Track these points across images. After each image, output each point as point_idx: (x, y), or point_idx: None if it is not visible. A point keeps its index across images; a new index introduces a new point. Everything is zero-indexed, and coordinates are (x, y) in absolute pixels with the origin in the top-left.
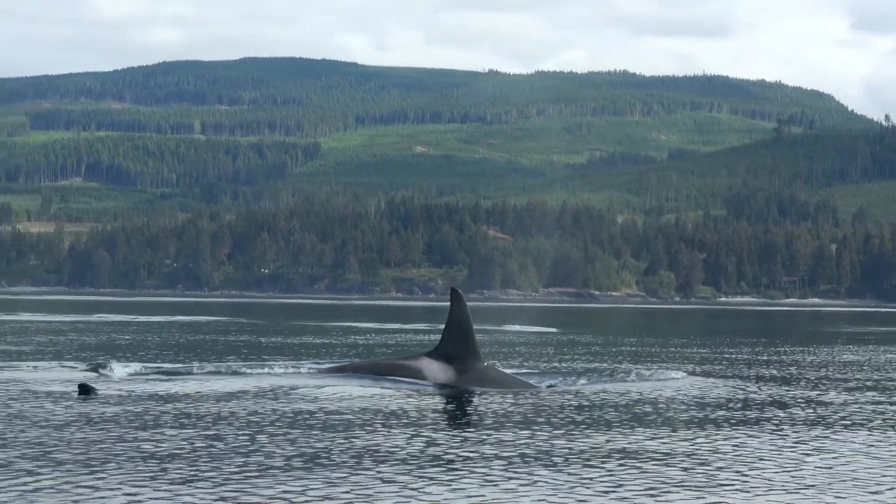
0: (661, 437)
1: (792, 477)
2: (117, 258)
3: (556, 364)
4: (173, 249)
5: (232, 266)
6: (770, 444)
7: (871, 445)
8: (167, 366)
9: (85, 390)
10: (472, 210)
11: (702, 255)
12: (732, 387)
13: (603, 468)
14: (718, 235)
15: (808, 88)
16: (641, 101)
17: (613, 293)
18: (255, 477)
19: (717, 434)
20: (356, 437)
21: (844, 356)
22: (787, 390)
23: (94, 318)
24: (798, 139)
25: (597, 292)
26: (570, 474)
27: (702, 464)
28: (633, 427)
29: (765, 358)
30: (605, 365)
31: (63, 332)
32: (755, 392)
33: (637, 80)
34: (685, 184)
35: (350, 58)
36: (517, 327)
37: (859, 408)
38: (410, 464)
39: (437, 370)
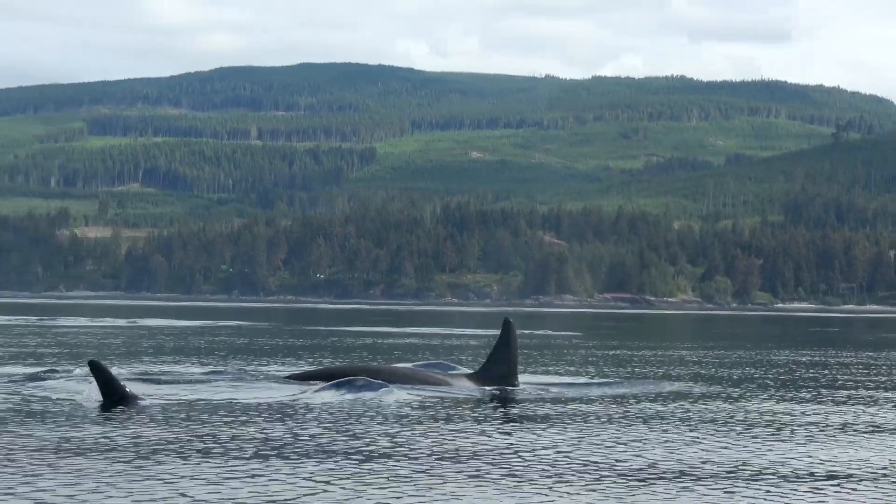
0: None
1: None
2: (173, 263)
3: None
4: (229, 255)
5: (287, 271)
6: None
7: None
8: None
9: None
10: (527, 215)
11: (759, 261)
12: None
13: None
14: (776, 241)
15: (867, 94)
16: (699, 107)
17: (669, 299)
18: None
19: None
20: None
21: None
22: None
23: (127, 322)
24: (856, 144)
25: (652, 298)
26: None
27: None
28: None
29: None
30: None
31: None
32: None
33: (695, 85)
34: (742, 189)
35: (407, 63)
36: (542, 332)
37: None
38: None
39: (472, 391)
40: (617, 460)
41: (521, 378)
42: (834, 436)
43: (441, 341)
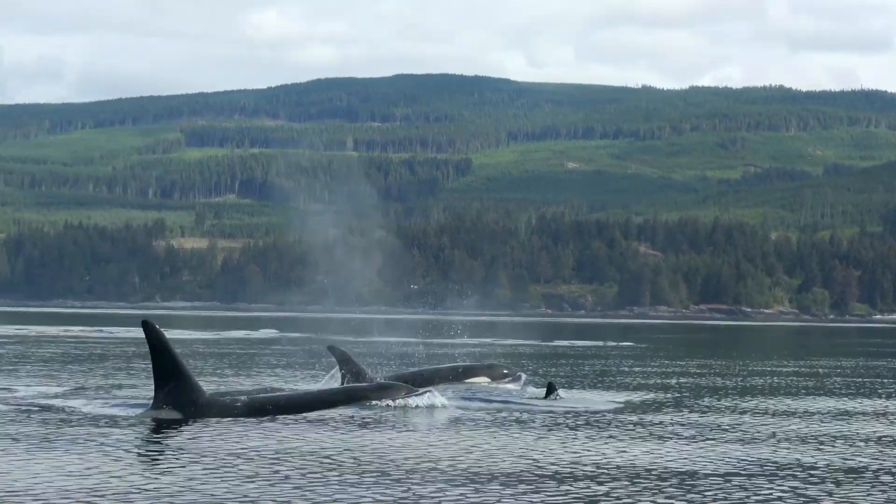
0: None
1: None
2: (269, 274)
3: None
4: (323, 265)
5: (381, 282)
6: None
7: None
8: None
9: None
10: (622, 226)
11: (857, 273)
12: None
13: None
14: (874, 252)
15: None
16: (797, 116)
17: (765, 310)
18: None
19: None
20: None
21: None
22: None
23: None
24: None
25: (748, 309)
26: None
27: None
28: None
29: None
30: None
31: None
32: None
33: (793, 95)
34: (841, 200)
35: (503, 74)
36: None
37: None
38: None
39: None
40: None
41: None
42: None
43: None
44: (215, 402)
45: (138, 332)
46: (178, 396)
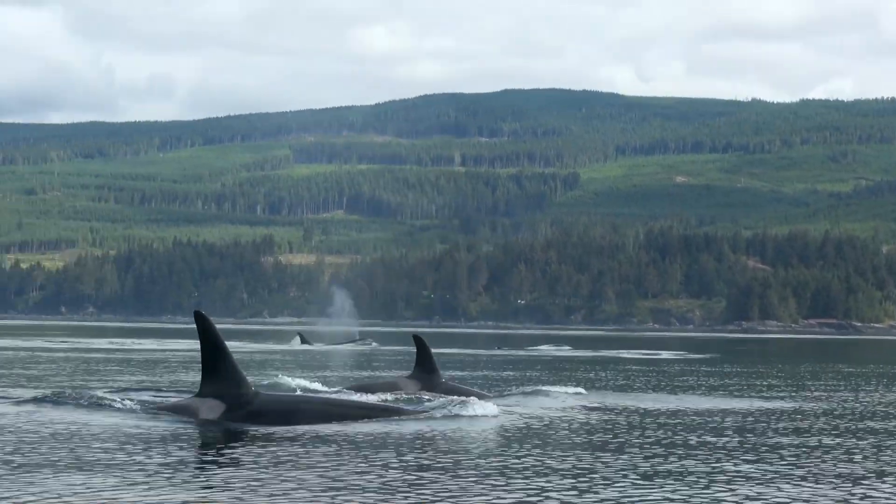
0: None
1: None
2: (376, 290)
3: None
4: (431, 281)
5: (488, 297)
6: None
7: None
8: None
9: None
10: (731, 240)
11: None
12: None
13: None
14: None
15: None
16: None
17: (876, 325)
18: None
19: None
20: None
21: None
22: None
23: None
24: None
25: (858, 324)
26: None
27: None
28: None
29: None
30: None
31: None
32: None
33: None
34: None
35: (611, 88)
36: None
37: None
38: None
39: None
40: None
41: None
42: None
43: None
44: (259, 396)
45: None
46: (222, 388)
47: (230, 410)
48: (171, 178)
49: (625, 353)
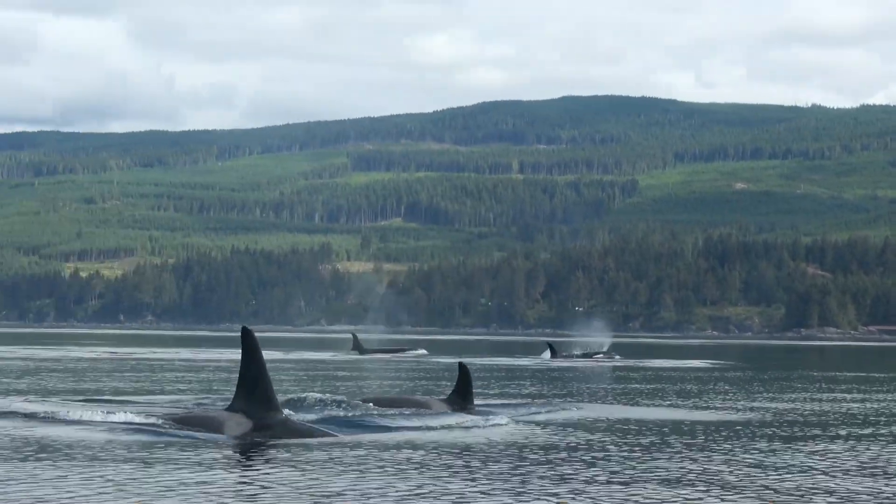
0: None
1: None
2: (433, 297)
3: None
4: (488, 288)
5: (546, 304)
6: None
7: None
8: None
9: None
10: (790, 247)
11: None
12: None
13: None
14: None
15: None
16: None
17: None
18: None
19: None
20: None
21: None
22: None
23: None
24: None
25: None
26: None
27: None
28: None
29: None
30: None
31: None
32: None
33: None
34: None
35: (671, 95)
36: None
37: None
38: None
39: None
40: None
41: None
42: None
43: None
44: (288, 422)
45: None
46: (252, 406)
47: (256, 430)
48: (230, 187)
49: (650, 363)
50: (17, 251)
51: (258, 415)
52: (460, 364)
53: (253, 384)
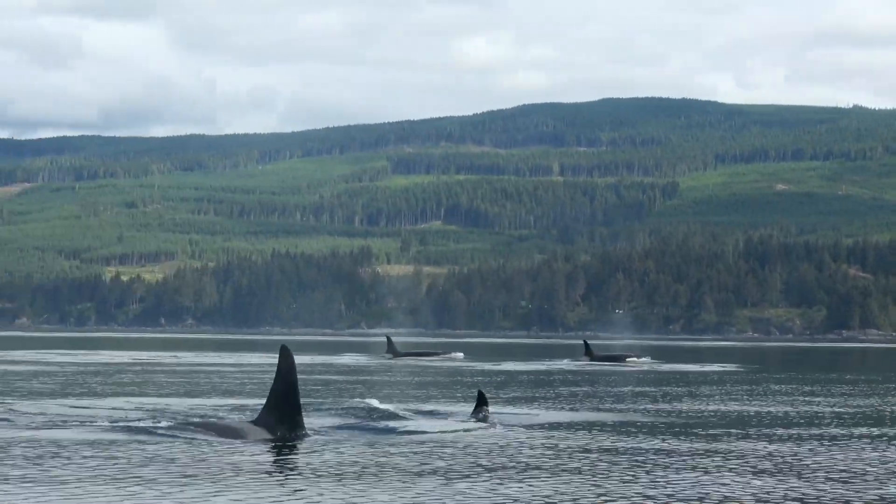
0: None
1: None
2: (473, 300)
3: None
4: (528, 291)
5: (586, 307)
6: None
7: None
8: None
9: None
10: (832, 248)
11: None
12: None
13: None
14: None
15: None
16: None
17: None
18: None
19: None
20: None
21: None
22: None
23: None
24: None
25: None
26: None
27: None
28: None
29: None
30: None
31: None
32: None
33: None
34: None
35: (711, 96)
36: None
37: None
38: None
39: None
40: None
41: None
42: None
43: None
44: (307, 439)
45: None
46: (279, 422)
47: (275, 441)
48: (270, 190)
49: (678, 367)
50: (58, 255)
51: (281, 431)
52: (480, 392)
53: (282, 401)
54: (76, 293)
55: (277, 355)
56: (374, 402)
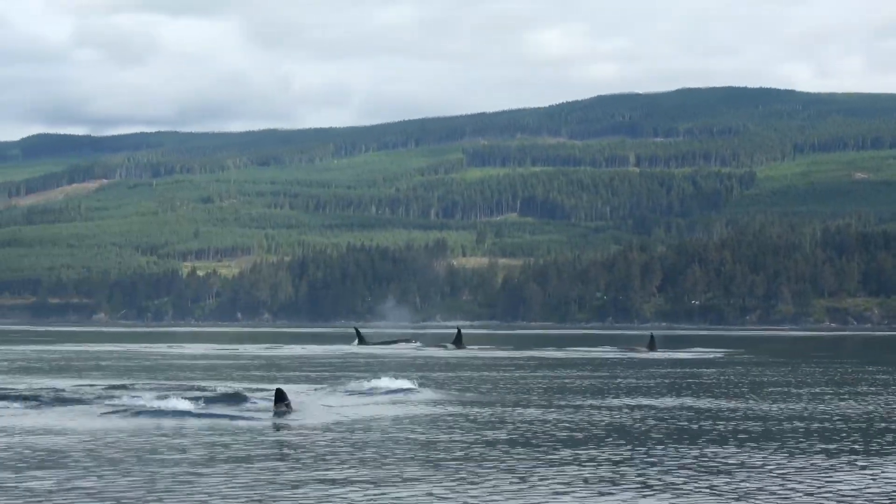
0: None
1: None
2: (548, 292)
3: None
4: (603, 282)
5: (662, 298)
6: None
7: None
8: None
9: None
10: None
11: None
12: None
13: None
14: None
15: None
16: None
17: None
18: None
19: None
20: None
21: None
22: None
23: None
24: None
25: None
26: None
27: None
28: None
29: None
30: None
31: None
32: None
33: None
34: None
35: (789, 86)
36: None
37: None
38: None
39: None
40: None
41: None
42: None
43: None
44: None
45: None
46: None
47: None
48: (346, 184)
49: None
50: (135, 251)
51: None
52: None
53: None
54: (153, 289)
55: None
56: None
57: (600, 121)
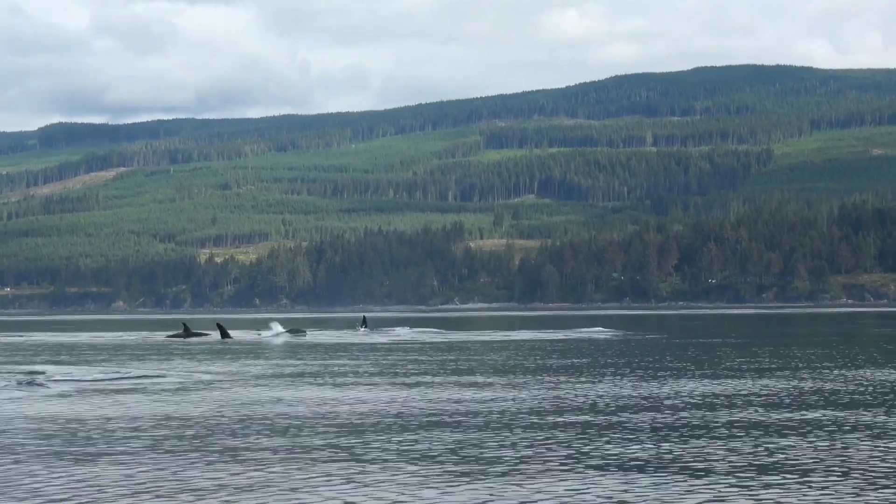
0: None
1: None
2: (565, 273)
3: None
4: (620, 263)
5: (679, 277)
6: None
7: None
8: None
9: None
10: None
11: None
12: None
13: None
14: None
15: None
16: None
17: None
18: None
19: None
20: None
21: None
22: None
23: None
24: None
25: None
26: None
27: None
28: None
29: None
30: None
31: None
32: None
33: None
34: None
35: (807, 63)
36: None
37: None
38: None
39: None
40: None
41: None
42: None
43: None
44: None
45: None
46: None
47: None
48: (363, 168)
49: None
50: (153, 238)
51: None
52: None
53: None
54: (171, 276)
55: None
56: None
57: (617, 101)
